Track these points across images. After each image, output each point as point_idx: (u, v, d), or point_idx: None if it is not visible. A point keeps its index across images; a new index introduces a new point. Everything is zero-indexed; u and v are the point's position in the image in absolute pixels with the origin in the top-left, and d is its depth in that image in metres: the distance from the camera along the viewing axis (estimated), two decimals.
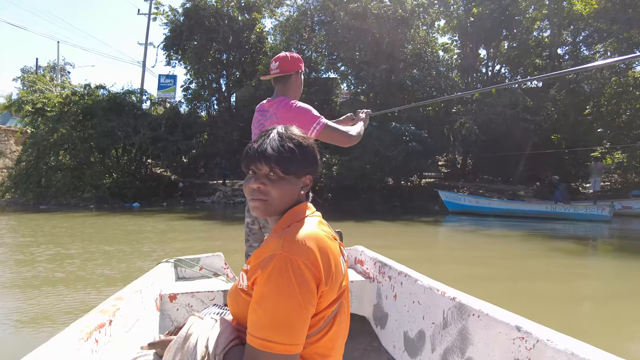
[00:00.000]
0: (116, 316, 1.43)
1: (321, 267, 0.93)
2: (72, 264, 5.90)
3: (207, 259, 2.63)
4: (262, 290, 0.90)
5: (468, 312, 1.42)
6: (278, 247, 0.93)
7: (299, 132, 1.10)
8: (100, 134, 16.85)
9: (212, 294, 2.11)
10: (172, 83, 28.05)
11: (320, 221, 1.09)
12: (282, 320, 0.88)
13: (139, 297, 1.75)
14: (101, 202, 16.12)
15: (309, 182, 1.11)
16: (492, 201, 14.57)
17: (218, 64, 22.56)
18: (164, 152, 18.15)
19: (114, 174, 18.12)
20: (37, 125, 17.01)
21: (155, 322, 1.90)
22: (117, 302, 1.53)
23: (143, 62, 28.23)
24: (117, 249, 7.13)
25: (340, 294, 1.03)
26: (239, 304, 1.03)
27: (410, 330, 1.81)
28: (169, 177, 20.66)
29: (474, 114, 15.47)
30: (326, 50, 22.95)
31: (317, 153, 1.11)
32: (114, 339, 1.38)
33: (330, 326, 1.01)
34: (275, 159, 1.01)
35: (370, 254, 2.45)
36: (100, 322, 1.32)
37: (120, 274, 5.36)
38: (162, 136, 18.06)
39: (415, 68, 17.09)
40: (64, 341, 1.15)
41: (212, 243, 8.07)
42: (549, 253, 7.76)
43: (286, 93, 2.26)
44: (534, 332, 1.14)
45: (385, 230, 10.86)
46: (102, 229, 9.92)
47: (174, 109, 20.29)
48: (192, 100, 22.98)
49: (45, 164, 16.70)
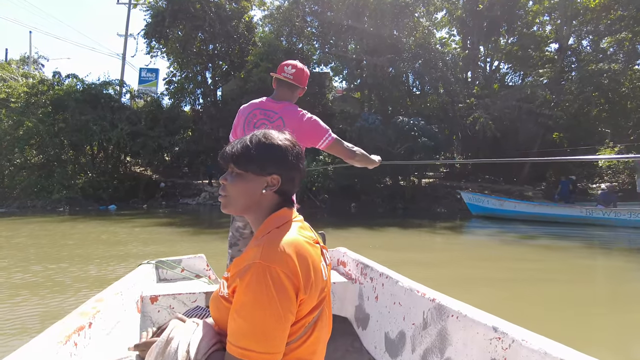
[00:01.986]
0: (96, 318, 1.43)
1: (300, 275, 0.92)
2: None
3: (188, 260, 2.63)
4: (241, 299, 0.90)
5: (447, 313, 1.46)
6: (257, 255, 0.92)
7: (272, 134, 1.08)
8: (72, 128, 15.17)
9: (194, 295, 2.09)
10: (154, 77, 26.45)
11: (301, 226, 1.07)
12: (261, 329, 0.87)
13: (120, 299, 1.73)
14: (73, 205, 14.48)
15: (275, 182, 1.06)
16: (519, 204, 13.10)
17: (203, 55, 20.97)
18: (144, 148, 16.58)
19: (89, 173, 16.43)
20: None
21: (136, 324, 1.86)
22: (97, 304, 1.51)
23: (123, 54, 26.33)
24: (73, 267, 5.63)
25: (321, 300, 1.02)
26: (221, 311, 1.02)
27: (391, 331, 1.83)
28: (150, 177, 18.98)
29: (488, 108, 14.16)
30: (317, 42, 21.74)
31: (287, 154, 1.06)
32: (94, 342, 1.37)
33: (311, 332, 1.00)
34: (230, 156, 1.05)
35: (352, 255, 2.45)
36: (79, 324, 1.31)
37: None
38: (142, 131, 16.45)
39: (420, 59, 15.77)
40: (42, 345, 1.13)
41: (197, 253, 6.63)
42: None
43: (291, 100, 2.25)
44: (509, 332, 1.18)
45: (408, 240, 9.46)
46: (64, 238, 8.35)
47: (156, 101, 18.55)
48: (175, 94, 21.35)
49: (9, 161, 14.93)
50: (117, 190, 16.21)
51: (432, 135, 13.21)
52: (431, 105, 15.34)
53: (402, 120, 13.12)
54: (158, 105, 18.35)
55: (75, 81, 16.29)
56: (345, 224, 11.55)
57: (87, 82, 16.58)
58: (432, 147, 13.13)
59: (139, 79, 25.99)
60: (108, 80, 17.35)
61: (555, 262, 6.98)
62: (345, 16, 16.21)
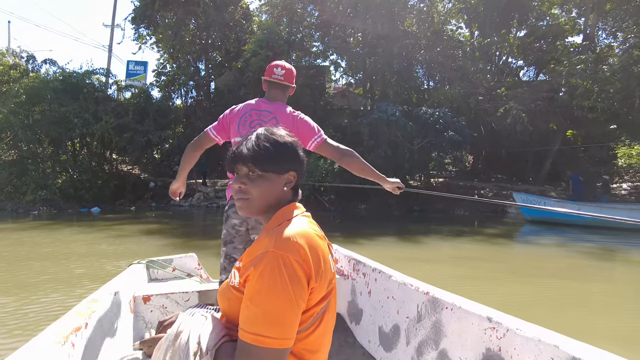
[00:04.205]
0: (91, 319, 1.41)
1: (311, 263, 0.94)
2: None
3: (179, 259, 2.63)
4: (255, 287, 0.91)
5: (441, 306, 1.48)
6: (270, 244, 0.94)
7: (278, 132, 1.09)
8: (49, 120, 13.44)
9: (187, 294, 2.07)
10: (143, 70, 24.87)
11: (310, 220, 1.08)
12: (275, 315, 0.88)
13: (113, 299, 1.70)
14: (51, 207, 12.82)
15: (292, 179, 1.09)
16: (583, 205, 10.89)
17: (197, 43, 19.37)
18: (131, 144, 14.98)
19: (71, 171, 14.73)
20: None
21: (129, 324, 1.85)
22: (92, 305, 1.49)
23: (109, 46, 24.56)
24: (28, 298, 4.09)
25: (329, 291, 1.03)
26: (230, 301, 1.02)
27: (385, 325, 1.85)
28: (138, 176, 17.31)
29: (520, 99, 12.72)
30: (318, 34, 20.35)
31: (298, 150, 1.10)
32: (90, 342, 1.35)
33: (319, 323, 1.01)
34: (250, 158, 1.04)
35: (344, 252, 2.47)
36: (76, 325, 1.30)
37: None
38: (130, 125, 14.83)
39: (438, 47, 14.30)
40: (40, 346, 1.11)
41: None
42: None
43: (283, 100, 2.26)
44: (504, 322, 1.21)
45: (456, 251, 8.07)
46: (31, 249, 6.75)
47: (145, 92, 16.84)
48: (165, 87, 19.73)
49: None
50: (101, 190, 14.60)
51: (458, 129, 11.73)
52: (448, 97, 13.83)
53: (426, 112, 11.62)
54: (147, 97, 16.64)
55: (54, 68, 14.57)
56: (360, 229, 10.14)
57: (67, 70, 14.88)
58: (459, 143, 11.71)
59: (127, 72, 24.31)
60: (92, 69, 15.64)
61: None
62: (348, 4, 14.68)
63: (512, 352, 1.15)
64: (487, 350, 1.23)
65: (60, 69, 14.78)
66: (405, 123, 11.36)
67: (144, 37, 20.82)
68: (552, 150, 16.41)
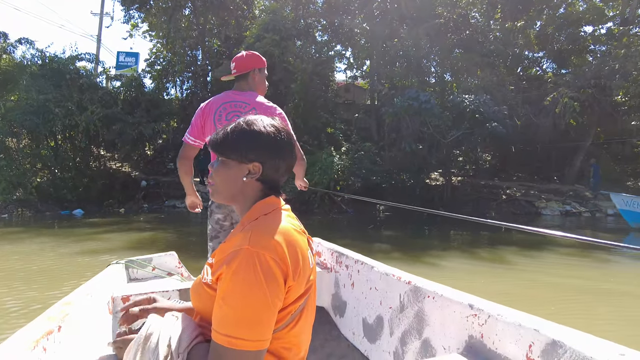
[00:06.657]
0: (65, 322, 1.33)
1: (289, 261, 0.90)
2: None
3: (159, 258, 2.56)
4: (228, 286, 0.87)
5: (423, 295, 1.45)
6: (245, 241, 0.89)
7: (257, 121, 1.02)
8: (25, 110, 11.77)
9: (167, 293, 1.99)
10: (134, 62, 23.38)
11: (289, 214, 1.04)
12: (249, 316, 0.85)
13: (90, 301, 1.62)
14: (26, 209, 11.17)
15: (257, 170, 1.01)
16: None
17: (194, 29, 17.75)
18: (120, 138, 13.35)
19: (52, 168, 13.07)
20: None
21: (108, 325, 1.76)
22: (65, 308, 1.42)
23: (98, 36, 23.08)
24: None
25: (308, 288, 0.99)
26: (203, 298, 0.98)
27: (368, 317, 1.83)
28: (128, 174, 15.63)
29: (571, 86, 11.16)
30: (325, 19, 18.86)
31: (267, 140, 1.00)
32: (64, 346, 1.28)
33: (297, 320, 0.97)
34: (212, 143, 1.02)
35: (327, 245, 2.43)
36: (48, 329, 1.22)
37: None
38: (119, 116, 13.20)
39: (466, 30, 12.76)
40: (7, 352, 1.05)
41: None
42: None
43: (252, 88, 2.24)
44: (485, 308, 1.19)
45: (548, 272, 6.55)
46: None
47: (136, 79, 15.15)
48: (159, 76, 18.11)
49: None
50: (86, 190, 12.94)
51: (501, 120, 10.14)
52: (480, 85, 12.28)
53: (462, 99, 10.05)
54: (139, 85, 14.98)
55: (32, 51, 12.87)
56: (384, 235, 8.58)
57: (48, 54, 13.19)
58: (502, 136, 10.14)
59: (117, 64, 22.73)
60: (77, 54, 13.94)
61: None
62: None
63: (494, 338, 1.13)
64: (469, 338, 1.22)
65: (39, 52, 13.07)
66: (440, 112, 9.81)
67: (135, 25, 19.26)
68: (583, 146, 14.96)
